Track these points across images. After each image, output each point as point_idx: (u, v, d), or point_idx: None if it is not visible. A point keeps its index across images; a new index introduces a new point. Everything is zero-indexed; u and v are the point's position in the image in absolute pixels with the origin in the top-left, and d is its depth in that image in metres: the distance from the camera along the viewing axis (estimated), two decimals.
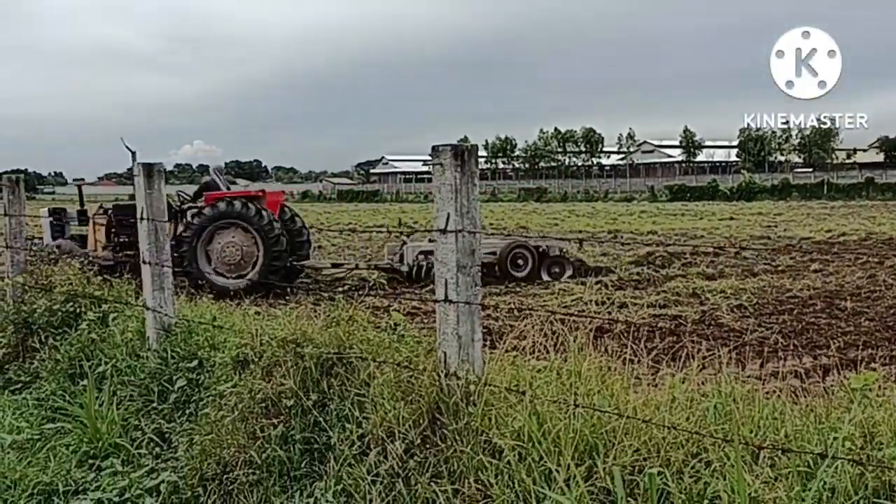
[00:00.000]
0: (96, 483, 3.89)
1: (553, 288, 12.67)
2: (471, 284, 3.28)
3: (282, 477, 3.47)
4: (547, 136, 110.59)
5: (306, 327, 3.95)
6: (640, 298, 11.09)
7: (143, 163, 5.18)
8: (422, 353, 3.56)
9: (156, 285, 5.17)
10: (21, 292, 6.49)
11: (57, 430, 4.61)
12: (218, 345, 4.66)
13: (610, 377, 3.26)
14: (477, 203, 3.28)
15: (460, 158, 3.22)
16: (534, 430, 2.86)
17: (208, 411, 3.99)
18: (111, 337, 5.42)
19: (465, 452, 2.96)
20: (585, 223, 32.49)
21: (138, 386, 4.75)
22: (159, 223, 5.19)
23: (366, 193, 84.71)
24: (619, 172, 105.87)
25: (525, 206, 56.89)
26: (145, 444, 4.23)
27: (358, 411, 3.43)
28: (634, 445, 2.78)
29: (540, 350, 3.54)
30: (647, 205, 54.06)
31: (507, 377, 3.30)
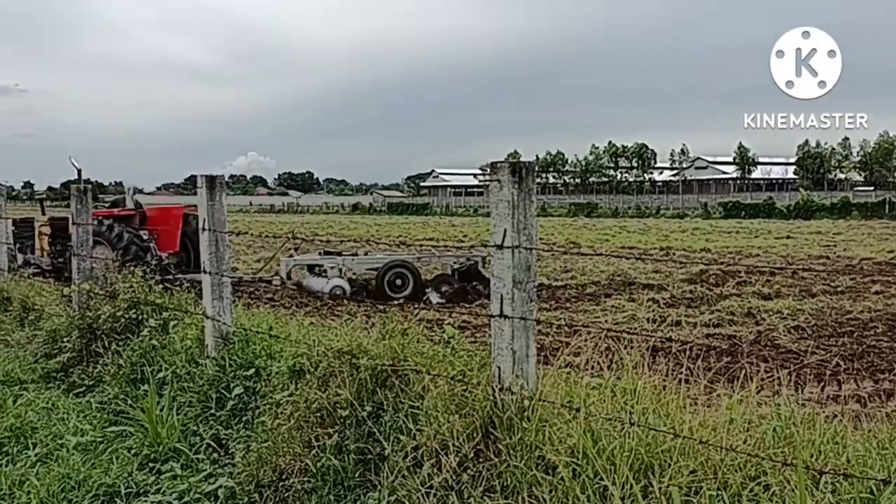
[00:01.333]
0: (157, 486, 4.00)
1: (604, 304, 12.57)
2: (526, 300, 3.30)
3: (336, 486, 3.52)
4: (599, 151, 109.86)
5: (361, 339, 4.01)
6: (694, 317, 10.93)
7: (206, 175, 5.33)
8: (475, 367, 3.58)
9: (215, 294, 5.30)
10: (86, 298, 6.71)
11: (119, 434, 4.75)
12: (274, 354, 4.75)
13: (665, 396, 3.23)
14: (534, 220, 3.30)
15: (518, 175, 3.25)
16: (589, 447, 2.86)
17: (265, 419, 4.08)
18: (171, 344, 5.57)
19: (519, 467, 2.97)
20: (637, 239, 32.15)
21: (197, 392, 4.87)
22: (220, 234, 5.33)
23: (416, 206, 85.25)
24: (671, 189, 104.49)
25: (575, 221, 56.54)
26: (203, 450, 4.33)
27: (412, 423, 3.46)
28: (691, 466, 2.76)
29: (594, 367, 3.54)
30: (699, 222, 53.20)
31: (560, 393, 3.30)
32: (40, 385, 6.06)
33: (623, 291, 14.30)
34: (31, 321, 7.65)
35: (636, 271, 17.10)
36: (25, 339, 7.20)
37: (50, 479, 4.01)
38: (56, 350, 6.56)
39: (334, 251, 14.79)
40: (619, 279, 16.08)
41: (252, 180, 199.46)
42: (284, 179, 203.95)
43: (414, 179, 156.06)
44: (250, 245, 25.12)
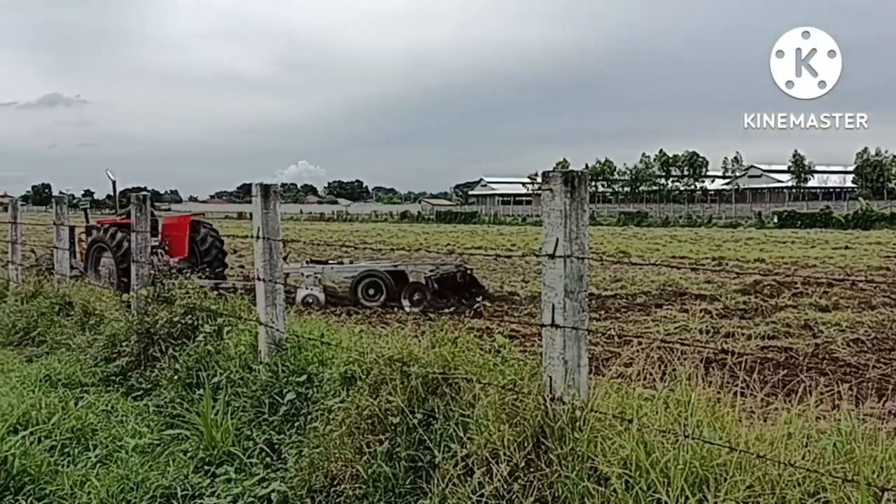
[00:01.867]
0: (212, 489, 4.08)
1: (654, 315, 12.40)
2: (578, 309, 3.29)
3: (387, 493, 3.54)
4: (649, 160, 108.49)
5: (412, 346, 4.03)
6: (748, 329, 10.70)
7: (261, 184, 5.44)
8: (526, 376, 3.58)
9: (269, 301, 5.39)
10: (144, 304, 6.89)
11: (175, 437, 4.87)
12: (326, 361, 4.81)
13: (720, 409, 3.18)
14: (586, 229, 3.29)
15: (570, 184, 3.24)
16: (642, 459, 2.83)
17: (317, 425, 4.13)
18: (225, 349, 5.69)
19: (571, 478, 2.96)
20: (688, 249, 31.65)
21: (250, 397, 4.95)
22: (273, 241, 5.43)
23: (464, 215, 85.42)
24: (723, 197, 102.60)
25: (624, 230, 55.94)
26: (256, 454, 4.41)
27: (462, 432, 3.47)
28: (747, 481, 2.71)
29: (645, 378, 3.50)
30: (753, 231, 52.15)
31: (612, 404, 3.27)
32: (100, 388, 6.23)
33: (674, 302, 14.07)
34: (92, 325, 7.87)
35: (688, 281, 16.82)
36: (86, 342, 7.40)
37: (110, 480, 4.12)
38: (115, 354, 6.75)
39: (321, 260, 14.95)
40: (670, 289, 15.84)
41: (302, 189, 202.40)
42: (334, 188, 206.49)
43: (462, 188, 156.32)
44: (301, 252, 25.46)
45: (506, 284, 16.90)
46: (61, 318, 8.52)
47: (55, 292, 9.32)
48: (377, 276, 13.24)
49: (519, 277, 18.65)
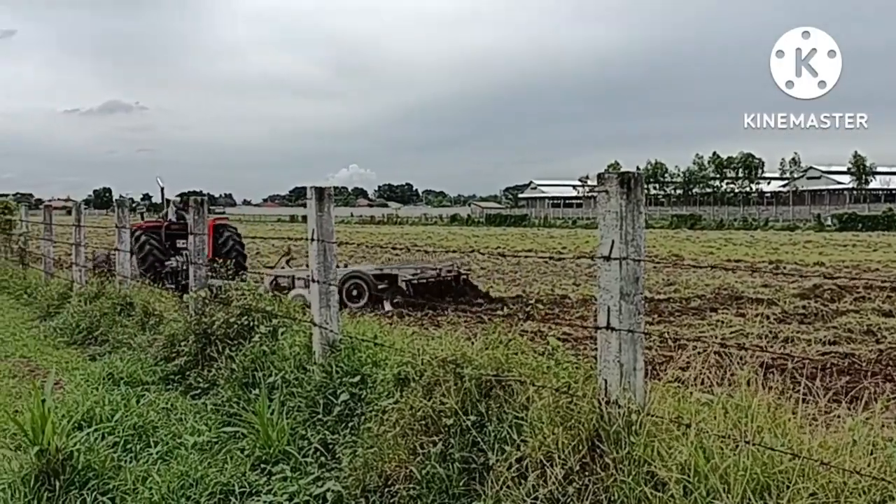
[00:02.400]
0: (268, 487, 4.15)
1: (709, 318, 12.17)
2: (634, 312, 3.25)
3: (441, 494, 3.55)
4: (702, 161, 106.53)
5: (465, 348, 4.04)
6: (808, 334, 10.42)
7: (316, 187, 5.51)
8: (580, 379, 3.55)
9: (323, 303, 5.46)
10: (202, 305, 7.04)
11: (232, 435, 4.96)
12: (379, 362, 4.85)
13: (782, 415, 3.11)
14: (642, 231, 3.25)
15: (626, 186, 3.21)
16: (701, 465, 2.78)
17: (371, 425, 4.17)
18: (280, 350, 5.78)
19: (627, 482, 2.92)
20: (744, 252, 31.00)
21: (305, 397, 5.02)
22: (328, 244, 5.49)
23: (514, 218, 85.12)
24: (780, 200, 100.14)
25: (677, 233, 55.03)
26: (311, 453, 4.47)
27: (516, 434, 3.46)
28: (811, 489, 2.64)
29: (702, 383, 3.44)
30: (812, 234, 50.80)
31: (669, 408, 3.23)
32: (160, 386, 6.40)
33: (730, 306, 13.80)
34: (152, 326, 8.08)
35: (744, 285, 16.48)
36: (146, 342, 7.61)
37: (170, 476, 4.22)
38: (174, 353, 6.92)
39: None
40: (726, 293, 15.54)
41: (353, 192, 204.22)
42: (384, 191, 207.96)
43: (512, 191, 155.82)
44: (352, 255, 25.72)
45: (556, 288, 16.79)
46: (123, 319, 8.79)
47: (117, 293, 9.61)
48: (361, 279, 13.71)
49: (570, 281, 18.51)
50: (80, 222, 11.98)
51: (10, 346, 8.93)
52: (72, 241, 12.07)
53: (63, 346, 8.89)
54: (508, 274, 20.31)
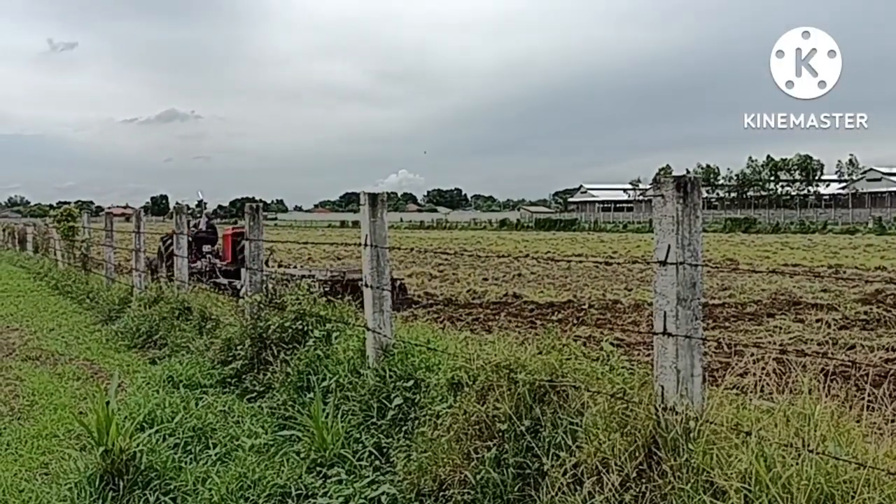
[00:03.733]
0: (324, 489, 4.21)
1: (766, 324, 11.91)
2: (691, 318, 3.21)
3: (495, 499, 3.55)
4: (756, 164, 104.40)
5: (519, 353, 4.03)
6: (871, 340, 10.12)
7: (368, 193, 5.57)
8: (636, 385, 3.51)
9: (376, 308, 5.51)
10: (257, 310, 7.17)
11: (288, 438, 5.04)
12: (433, 367, 4.87)
13: (845, 424, 3.03)
14: (699, 235, 3.21)
15: (683, 190, 3.18)
16: (762, 474, 2.73)
17: (424, 430, 4.19)
18: (334, 354, 5.85)
19: (685, 490, 2.88)
20: (801, 256, 30.25)
21: (359, 401, 5.07)
22: (381, 249, 5.54)
23: (563, 222, 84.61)
24: (839, 202, 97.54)
25: (731, 237, 53.96)
26: (366, 457, 4.51)
27: (571, 440, 3.44)
28: (877, 499, 2.57)
29: (762, 390, 3.37)
30: (873, 238, 49.27)
31: (728, 416, 3.17)
32: (217, 389, 6.53)
33: (788, 311, 13.47)
34: (209, 330, 8.25)
35: (802, 290, 16.09)
36: (204, 346, 7.78)
37: (229, 478, 4.31)
38: (231, 357, 7.06)
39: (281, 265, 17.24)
40: (783, 298, 15.18)
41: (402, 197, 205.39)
42: (433, 196, 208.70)
43: (561, 195, 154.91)
44: (402, 260, 25.88)
45: (608, 292, 16.63)
46: (181, 323, 8.99)
47: (175, 298, 9.84)
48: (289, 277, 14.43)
49: (622, 285, 18.31)
50: (139, 229, 12.31)
51: (74, 349, 9.22)
52: (131, 247, 12.41)
53: (124, 349, 9.15)
54: (559, 279, 20.18)
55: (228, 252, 16.11)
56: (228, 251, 16.13)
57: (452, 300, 15.62)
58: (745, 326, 11.95)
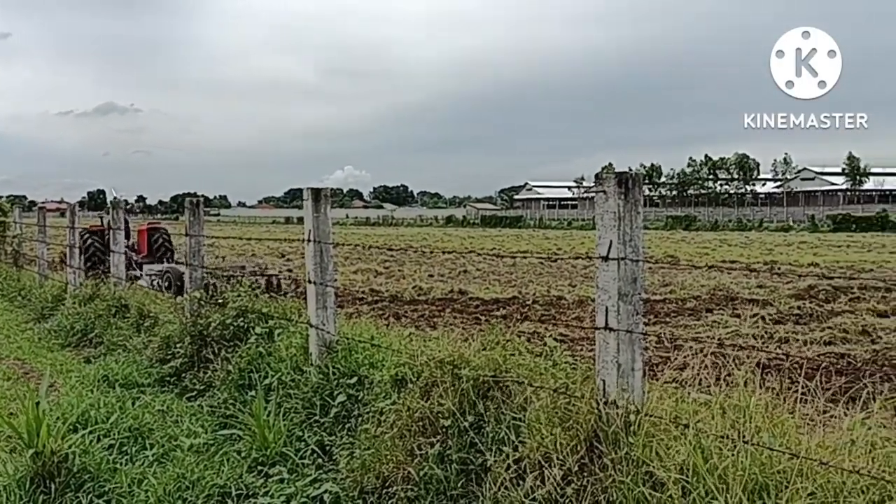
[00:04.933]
0: (265, 489, 4.14)
1: (705, 319, 12.19)
2: (632, 313, 3.25)
3: (438, 495, 3.55)
4: (696, 164, 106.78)
5: (463, 349, 4.03)
6: (803, 334, 10.45)
7: (312, 188, 5.50)
8: (578, 379, 3.54)
9: (319, 304, 5.44)
10: (198, 307, 7.02)
11: (229, 437, 4.94)
12: (376, 363, 4.84)
13: (779, 415, 3.10)
14: (640, 231, 3.25)
15: (624, 186, 3.21)
16: (699, 465, 2.78)
17: (368, 427, 4.16)
18: (277, 351, 5.76)
19: (625, 483, 2.92)
20: (738, 253, 31.07)
21: (301, 399, 5.01)
22: (325, 245, 5.48)
23: (509, 219, 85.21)
24: (774, 201, 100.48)
25: (672, 234, 55.13)
26: (308, 455, 4.46)
27: (514, 435, 3.45)
28: (809, 489, 2.64)
29: (700, 383, 3.43)
30: (806, 235, 50.94)
31: (667, 408, 3.22)
32: (156, 388, 6.37)
33: (725, 306, 13.82)
34: (147, 328, 8.05)
35: (739, 286, 16.51)
36: (142, 344, 7.58)
37: (166, 479, 4.21)
38: (170, 355, 6.90)
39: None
40: (721, 294, 15.56)
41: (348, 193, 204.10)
42: (379, 192, 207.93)
43: (507, 192, 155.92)
44: (347, 257, 25.69)
45: (552, 289, 16.79)
46: (117, 321, 8.75)
47: (111, 295, 9.57)
48: (170, 273, 14.67)
49: (566, 282, 18.51)
50: (74, 224, 11.94)
51: (5, 348, 8.88)
52: (66, 242, 12.03)
53: (58, 348, 8.85)
54: (504, 275, 20.30)
55: (144, 245, 16.86)
56: (144, 245, 16.87)
57: (398, 297, 15.57)
58: (685, 321, 12.21)
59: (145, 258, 16.54)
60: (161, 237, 17.24)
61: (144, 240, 17.05)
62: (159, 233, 17.49)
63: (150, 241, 16.99)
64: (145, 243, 16.96)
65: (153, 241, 17.08)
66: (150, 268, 15.39)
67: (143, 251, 16.91)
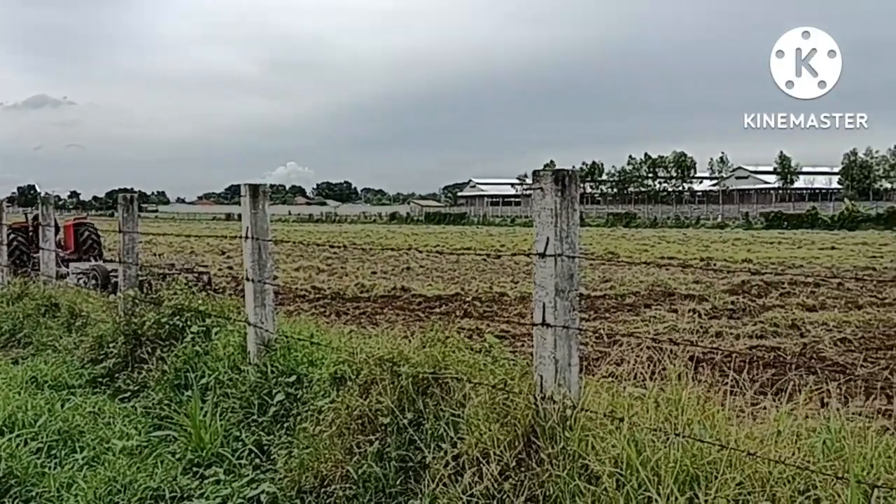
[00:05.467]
0: (200, 490, 4.05)
1: (643, 314, 12.44)
2: (569, 309, 3.28)
3: (377, 493, 3.53)
4: (636, 162, 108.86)
5: (402, 346, 4.02)
6: (736, 328, 10.76)
7: (249, 184, 5.41)
8: (517, 375, 3.56)
9: (257, 302, 5.36)
10: (132, 305, 6.84)
11: (164, 438, 4.83)
12: (316, 361, 4.79)
13: (710, 408, 3.18)
14: (576, 228, 3.28)
15: (561, 183, 3.24)
16: (633, 458, 2.83)
17: (306, 426, 4.11)
18: (214, 350, 5.65)
19: (562, 477, 2.95)
20: (676, 250, 31.78)
21: (239, 398, 4.92)
22: (263, 242, 5.40)
23: (453, 216, 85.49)
24: (711, 198, 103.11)
25: (613, 231, 56.11)
26: (246, 455, 4.38)
27: (453, 431, 3.46)
28: (738, 479, 2.71)
29: (636, 377, 3.50)
30: (741, 232, 52.46)
31: (603, 403, 3.27)
32: (87, 390, 6.18)
33: (663, 302, 14.14)
34: (78, 327, 7.80)
35: (676, 282, 16.89)
36: (73, 344, 7.34)
37: (97, 482, 4.08)
38: (102, 355, 6.69)
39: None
40: (659, 290, 15.91)
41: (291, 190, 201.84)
42: (323, 189, 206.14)
43: (451, 189, 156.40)
44: (289, 254, 25.40)
45: (495, 285, 16.90)
46: (47, 320, 8.45)
47: (41, 293, 9.25)
48: (96, 271, 14.60)
49: (508, 278, 18.66)
50: (1, 220, 11.50)
51: None
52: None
53: None
54: (447, 272, 20.35)
55: (70, 242, 16.58)
56: (70, 241, 16.60)
57: (340, 294, 15.47)
58: (624, 317, 12.44)
59: (72, 255, 16.16)
60: (89, 233, 16.85)
61: (71, 236, 16.68)
62: (87, 229, 17.08)
63: (78, 237, 16.64)
64: (72, 240, 16.61)
65: (80, 238, 16.71)
66: (77, 266, 14.96)
67: (70, 248, 16.55)
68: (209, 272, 16.25)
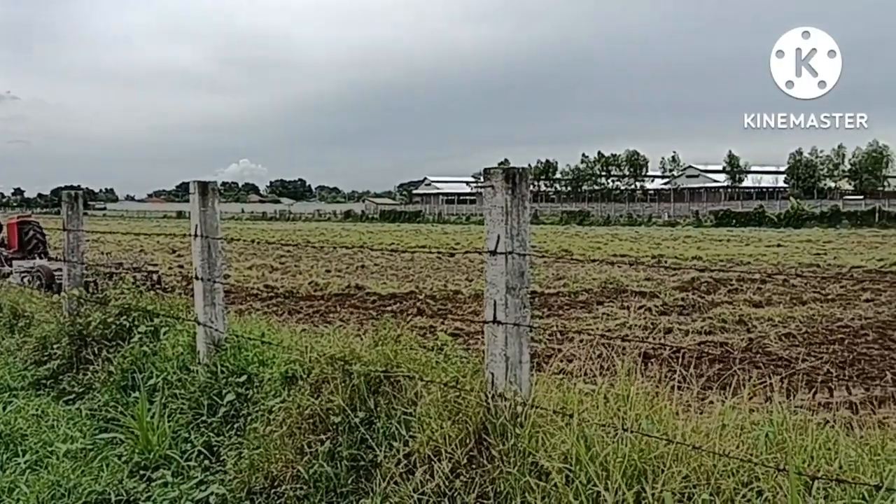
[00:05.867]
0: (147, 493, 3.97)
1: (596, 311, 12.59)
2: (520, 306, 3.30)
3: (328, 493, 3.50)
4: (590, 161, 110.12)
5: (354, 345, 3.99)
6: (686, 324, 10.96)
7: (198, 181, 5.32)
8: (468, 373, 3.58)
9: (207, 301, 5.28)
10: (77, 305, 6.67)
11: (109, 441, 4.71)
12: (267, 360, 4.73)
13: (658, 403, 3.23)
14: (527, 226, 3.30)
15: (511, 181, 3.25)
16: (581, 454, 2.86)
17: (257, 426, 4.06)
18: (162, 350, 5.54)
19: (512, 474, 2.97)
20: (629, 247, 32.24)
21: (188, 399, 4.84)
22: (213, 240, 5.31)
23: (408, 214, 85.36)
24: (662, 197, 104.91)
25: (567, 229, 56.65)
26: (195, 457, 4.31)
27: (405, 430, 3.45)
28: (684, 472, 2.76)
29: (586, 373, 3.54)
30: (691, 230, 53.44)
31: (554, 399, 3.30)
32: (30, 392, 6.01)
33: (615, 299, 14.33)
34: (21, 328, 7.59)
35: (628, 279, 17.14)
36: (15, 345, 7.15)
37: (40, 487, 3.98)
38: (46, 357, 6.52)
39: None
40: (611, 287, 16.12)
41: (244, 188, 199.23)
42: (276, 187, 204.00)
43: (406, 187, 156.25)
44: (242, 252, 25.06)
45: (449, 283, 16.93)
46: None
47: None
48: (40, 271, 14.48)
49: (463, 276, 18.71)
50: None
51: None
52: None
53: None
54: (402, 270, 20.31)
55: (14, 240, 16.51)
56: (14, 239, 16.53)
57: (293, 293, 15.33)
58: (577, 314, 12.58)
59: (16, 254, 16.05)
60: (33, 232, 16.65)
61: (15, 234, 16.56)
62: (31, 227, 16.90)
63: (22, 236, 16.49)
64: (16, 238, 16.49)
65: (25, 237, 16.55)
66: (20, 264, 14.65)
67: (13, 246, 16.45)
68: (158, 271, 15.99)
